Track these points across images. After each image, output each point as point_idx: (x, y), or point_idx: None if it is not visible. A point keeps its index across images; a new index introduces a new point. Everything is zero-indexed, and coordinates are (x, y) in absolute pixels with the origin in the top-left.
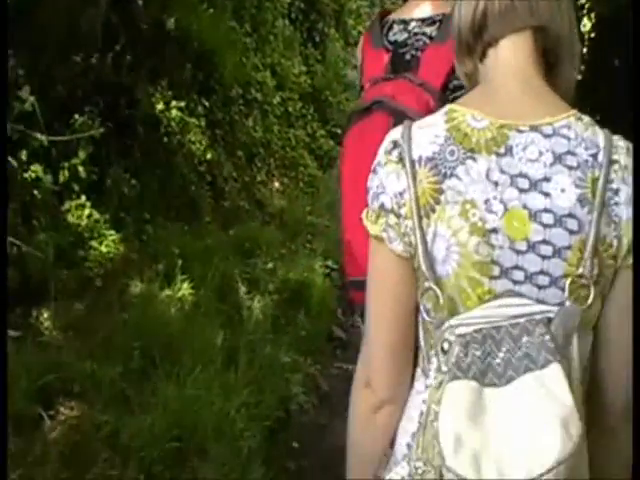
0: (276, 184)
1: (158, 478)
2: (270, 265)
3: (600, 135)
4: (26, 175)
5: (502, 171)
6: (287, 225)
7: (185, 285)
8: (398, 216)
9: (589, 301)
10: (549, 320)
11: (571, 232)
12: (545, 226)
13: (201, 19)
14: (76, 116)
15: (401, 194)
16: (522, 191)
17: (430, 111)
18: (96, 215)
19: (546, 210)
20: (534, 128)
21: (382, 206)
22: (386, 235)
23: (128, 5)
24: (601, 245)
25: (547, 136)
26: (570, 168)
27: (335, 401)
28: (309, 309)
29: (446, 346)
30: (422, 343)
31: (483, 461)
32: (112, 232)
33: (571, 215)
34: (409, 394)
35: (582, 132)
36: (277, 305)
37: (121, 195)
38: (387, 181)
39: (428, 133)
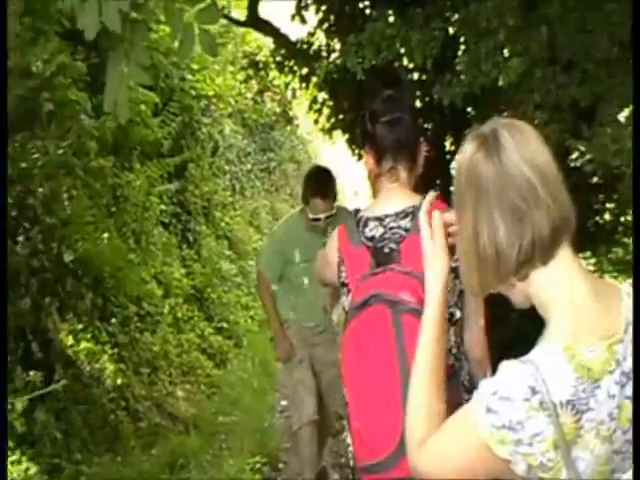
0: (180, 392)
1: None
2: (204, 476)
3: None
4: None
5: (615, 382)
6: (201, 430)
7: None
8: (532, 452)
9: None
10: None
11: None
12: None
13: (94, 244)
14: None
15: (539, 434)
16: (622, 386)
17: (421, 297)
18: (33, 468)
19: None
20: (626, 331)
21: (519, 441)
22: (512, 458)
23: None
24: None
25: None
26: None
27: None
28: None
29: None
30: None
31: None
32: None
33: None
34: None
35: None
36: None
37: (52, 441)
38: (527, 422)
39: (560, 378)
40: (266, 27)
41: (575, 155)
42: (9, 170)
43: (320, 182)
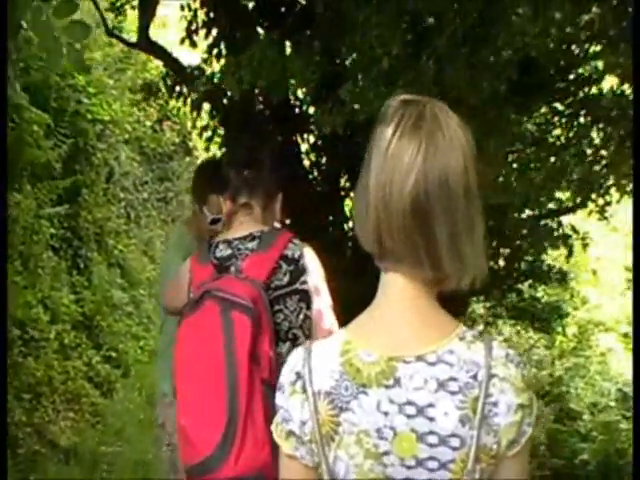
0: (62, 421)
1: None
2: None
3: (480, 352)
4: None
5: (391, 401)
6: (82, 460)
7: None
8: (305, 441)
9: None
10: None
11: (454, 449)
12: (431, 445)
13: None
14: None
15: (305, 423)
16: (410, 417)
17: (258, 299)
18: None
19: (432, 432)
20: (419, 358)
21: (291, 431)
22: (298, 453)
23: None
24: (482, 453)
25: (431, 364)
26: (452, 393)
27: None
28: None
29: None
30: None
31: None
32: None
33: (454, 435)
34: None
35: (464, 354)
36: None
37: None
38: (293, 410)
39: (325, 367)
40: (157, 50)
41: None
42: None
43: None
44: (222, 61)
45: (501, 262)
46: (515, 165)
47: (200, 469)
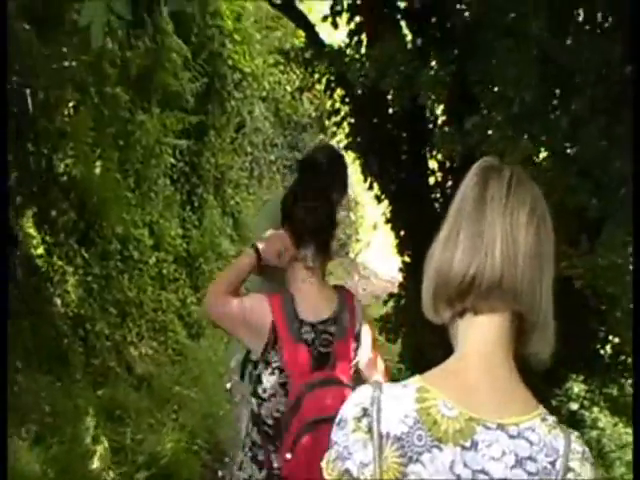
0: (144, 348)
1: None
2: (139, 436)
3: (560, 440)
4: None
5: (465, 465)
6: (155, 392)
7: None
8: None
9: None
10: None
11: None
12: None
13: (89, 167)
14: None
15: (366, 465)
16: None
17: None
18: None
19: None
20: (500, 427)
21: (347, 470)
22: None
23: (22, 143)
24: None
25: (512, 437)
26: (529, 474)
27: None
28: None
29: None
30: None
31: None
32: None
33: None
34: None
35: (545, 435)
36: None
37: None
38: (354, 448)
39: (398, 410)
40: (298, 17)
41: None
42: None
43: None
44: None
45: (608, 348)
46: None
47: None
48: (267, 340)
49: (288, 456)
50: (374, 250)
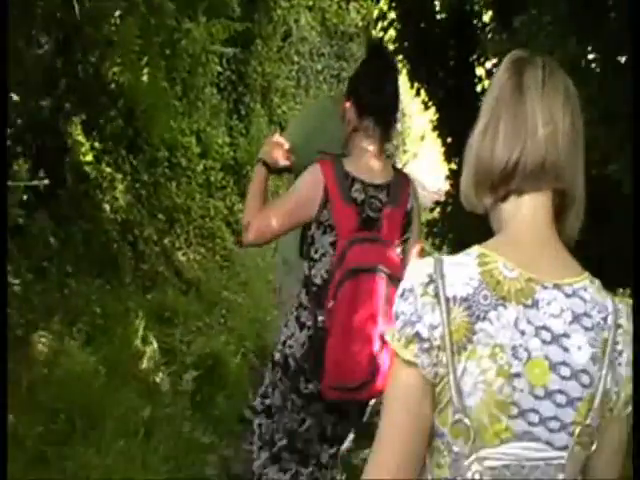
0: (192, 253)
1: None
2: (188, 338)
3: (608, 299)
4: None
5: (528, 321)
6: (203, 297)
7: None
8: (432, 347)
9: (593, 448)
10: (562, 465)
11: (584, 386)
12: (562, 378)
13: (137, 75)
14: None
15: (435, 327)
16: (545, 342)
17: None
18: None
19: (564, 363)
20: (557, 286)
21: (417, 334)
22: (419, 361)
23: (70, 51)
24: (606, 398)
25: (568, 295)
26: (586, 329)
27: None
28: (224, 388)
29: (477, 476)
30: (434, 468)
31: None
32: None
33: (585, 371)
34: None
35: (595, 295)
36: (194, 380)
37: (45, 243)
38: (423, 311)
39: (462, 274)
40: None
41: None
42: None
43: None
44: None
45: None
46: None
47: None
48: (320, 201)
49: (330, 303)
50: (421, 161)
